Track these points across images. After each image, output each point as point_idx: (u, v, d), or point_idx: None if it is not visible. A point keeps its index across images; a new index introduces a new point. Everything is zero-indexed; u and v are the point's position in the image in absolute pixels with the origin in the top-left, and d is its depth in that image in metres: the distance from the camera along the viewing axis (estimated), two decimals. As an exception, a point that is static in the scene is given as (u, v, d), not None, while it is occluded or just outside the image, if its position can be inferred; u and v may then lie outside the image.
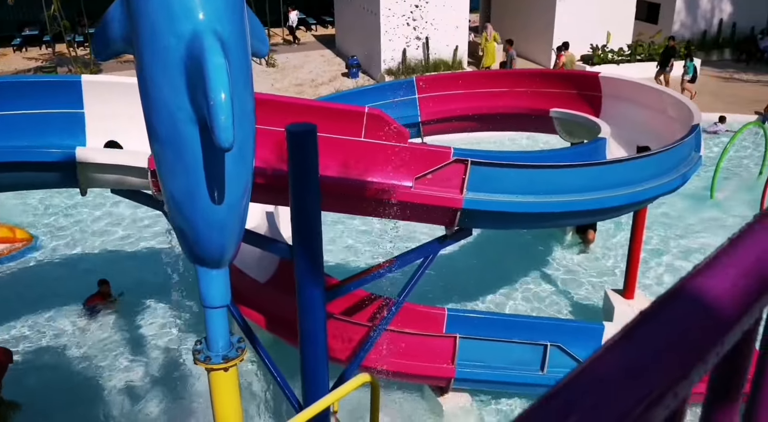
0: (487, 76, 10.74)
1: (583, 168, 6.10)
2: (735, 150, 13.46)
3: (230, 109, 3.08)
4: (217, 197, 3.67)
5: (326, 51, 24.78)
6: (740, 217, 11.61)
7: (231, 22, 3.36)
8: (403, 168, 5.70)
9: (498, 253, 10.52)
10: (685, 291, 0.66)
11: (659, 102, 8.55)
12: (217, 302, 4.27)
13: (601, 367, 0.57)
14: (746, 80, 20.19)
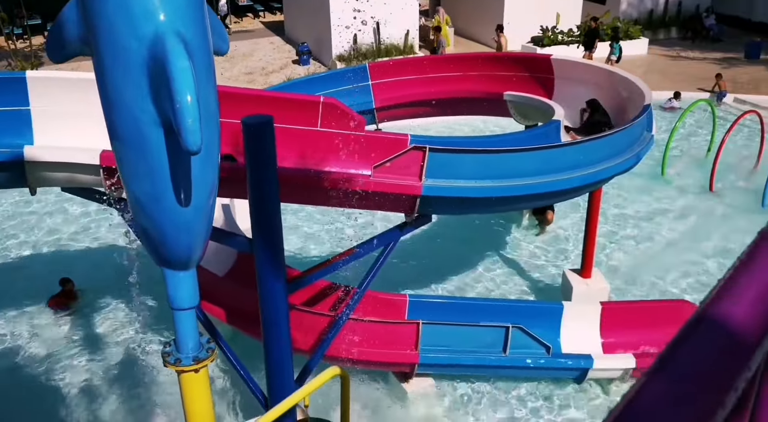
0: (440, 60, 10.81)
1: (540, 151, 6.24)
2: (684, 127, 13.91)
3: (197, 112, 3.07)
4: (183, 199, 3.65)
5: (276, 38, 24.51)
6: (691, 194, 12.07)
7: (193, 22, 3.33)
8: (361, 157, 5.74)
9: (457, 238, 10.69)
10: (709, 318, 0.72)
11: (611, 83, 8.77)
12: (186, 304, 4.26)
13: (646, 400, 0.62)
14: (693, 58, 20.82)
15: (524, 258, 10.26)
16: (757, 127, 13.16)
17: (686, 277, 9.72)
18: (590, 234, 8.63)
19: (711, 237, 10.73)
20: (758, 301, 0.74)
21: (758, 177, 11.91)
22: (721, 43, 22.34)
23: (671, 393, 0.62)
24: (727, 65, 19.63)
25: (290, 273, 6.01)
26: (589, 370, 7.42)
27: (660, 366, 0.67)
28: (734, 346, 0.70)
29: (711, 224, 11.08)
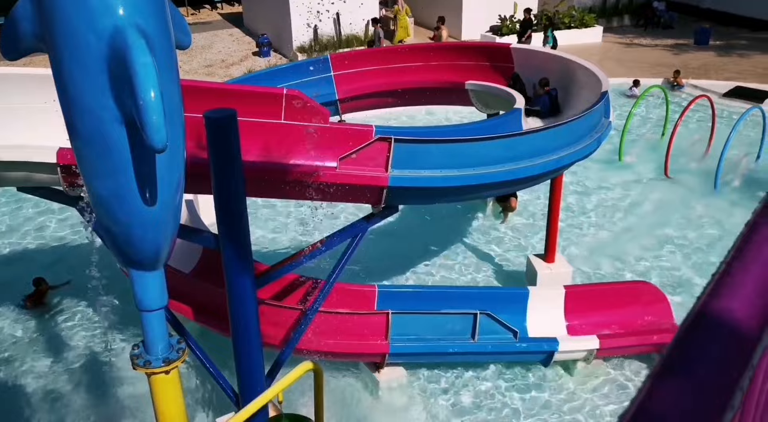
0: (402, 50, 10.74)
1: (504, 139, 6.25)
2: (639, 113, 14.13)
3: (161, 109, 2.95)
4: (149, 197, 3.52)
5: (235, 29, 24.09)
6: (648, 178, 12.27)
7: (153, 15, 3.20)
8: (326, 149, 5.66)
9: (423, 227, 10.68)
10: (709, 316, 0.70)
11: (568, 70, 8.83)
12: (155, 305, 4.14)
13: (657, 403, 0.60)
14: (646, 45, 21.14)
15: (490, 246, 10.31)
16: (708, 111, 13.43)
17: (645, 259, 9.90)
18: (553, 220, 8.70)
19: (667, 220, 10.94)
20: (755, 296, 0.73)
21: (710, 160, 12.16)
22: (672, 30, 22.74)
23: (680, 395, 0.61)
24: (678, 51, 20.01)
25: (258, 267, 5.91)
26: (555, 353, 7.50)
27: (666, 368, 0.65)
28: (736, 344, 0.68)
29: (667, 207, 11.30)
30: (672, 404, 0.60)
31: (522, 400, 7.35)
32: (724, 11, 24.27)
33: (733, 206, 11.20)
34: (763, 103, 14.58)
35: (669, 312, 7.97)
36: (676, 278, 9.45)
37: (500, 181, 6.24)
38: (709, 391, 0.62)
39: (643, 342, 7.66)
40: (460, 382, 7.56)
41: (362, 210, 8.98)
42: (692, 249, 10.18)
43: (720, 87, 16.36)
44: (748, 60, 19.09)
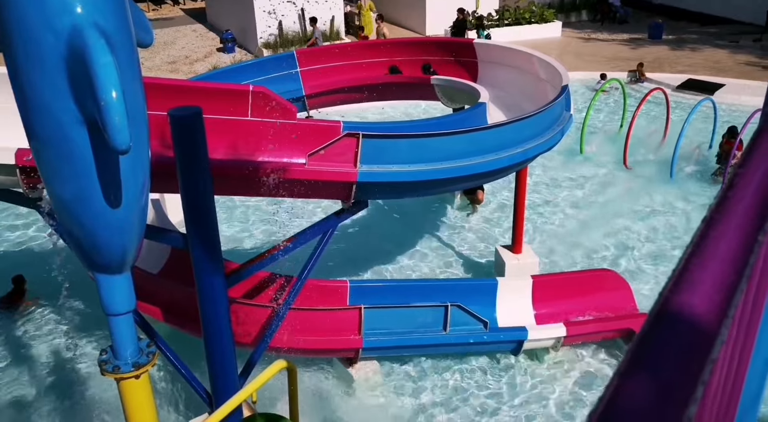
0: (368, 46, 10.63)
1: (471, 133, 6.19)
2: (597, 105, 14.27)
3: (123, 109, 2.78)
4: (113, 199, 3.35)
5: (198, 25, 23.63)
6: (608, 169, 12.40)
7: (113, 13, 3.01)
8: (294, 145, 5.52)
9: (392, 222, 10.60)
10: (670, 312, 0.71)
11: (531, 65, 8.82)
12: (123, 308, 3.96)
13: (625, 399, 0.61)
14: (603, 39, 21.38)
15: (458, 238, 10.29)
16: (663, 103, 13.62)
17: (607, 247, 9.99)
18: (519, 212, 8.70)
19: (627, 208, 11.07)
20: (713, 292, 0.75)
21: (666, 150, 12.35)
22: (627, 25, 23.05)
23: (647, 391, 0.62)
24: (634, 45, 20.27)
25: (228, 266, 5.75)
26: (525, 342, 7.50)
27: (632, 365, 0.66)
28: (697, 339, 0.70)
29: (627, 197, 11.42)
30: (639, 400, 0.61)
31: (494, 389, 7.34)
32: (675, 6, 24.71)
33: (688, 193, 11.42)
34: (713, 94, 14.86)
35: (631, 298, 8.05)
36: (637, 265, 9.56)
37: (468, 174, 6.19)
38: (674, 386, 0.63)
39: (608, 328, 7.72)
40: (433, 373, 7.51)
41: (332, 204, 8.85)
42: (651, 236, 10.32)
43: (673, 80, 16.62)
44: (700, 53, 19.45)
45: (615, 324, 7.71)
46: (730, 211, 0.87)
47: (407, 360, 7.64)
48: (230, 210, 11.02)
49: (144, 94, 3.45)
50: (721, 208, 0.89)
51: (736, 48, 19.72)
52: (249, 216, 11.00)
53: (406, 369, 7.58)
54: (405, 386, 7.35)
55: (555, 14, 22.18)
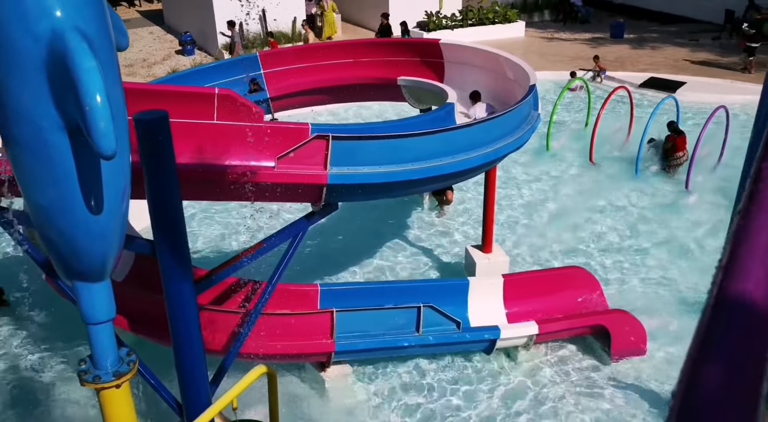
0: (333, 47, 10.64)
1: (440, 134, 6.26)
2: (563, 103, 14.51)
3: (108, 114, 2.76)
4: (95, 205, 3.31)
5: (155, 27, 23.33)
6: (574, 166, 12.63)
7: (94, 17, 2.98)
8: (262, 148, 5.51)
9: (362, 224, 10.63)
10: (728, 299, 0.76)
11: (497, 65, 8.95)
12: (103, 317, 3.93)
13: (704, 384, 0.67)
14: (566, 39, 21.76)
15: (429, 239, 10.37)
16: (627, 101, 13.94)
17: (577, 245, 10.18)
18: (488, 211, 8.81)
19: (595, 205, 11.30)
20: (764, 278, 0.80)
21: (631, 147, 12.63)
22: (589, 25, 23.51)
23: (721, 373, 0.68)
24: (596, 45, 20.68)
25: (197, 273, 5.71)
26: (497, 341, 7.59)
27: (702, 351, 0.71)
28: (757, 323, 0.75)
29: (594, 193, 11.66)
30: (715, 382, 0.66)
31: (467, 389, 7.41)
32: (635, 6, 25.29)
33: (654, 189, 11.72)
34: (675, 92, 15.27)
35: (601, 295, 8.22)
36: (606, 260, 9.77)
37: (439, 174, 6.26)
38: (745, 367, 0.68)
39: (579, 325, 7.87)
40: (407, 375, 7.56)
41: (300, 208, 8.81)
42: (619, 231, 10.56)
43: (636, 78, 17.02)
44: (660, 52, 19.94)
45: (586, 321, 7.86)
46: (766, 203, 0.93)
47: (380, 363, 7.67)
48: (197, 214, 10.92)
49: (124, 95, 3.43)
50: (756, 200, 0.94)
51: (696, 46, 20.28)
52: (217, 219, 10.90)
53: (379, 371, 7.61)
54: (378, 388, 7.38)
55: (518, 14, 22.50)
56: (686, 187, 11.40)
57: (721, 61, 18.75)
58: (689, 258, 9.75)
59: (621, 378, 7.46)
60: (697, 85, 16.49)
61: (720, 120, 11.84)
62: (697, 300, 8.65)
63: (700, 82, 16.84)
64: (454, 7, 21.67)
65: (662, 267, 9.58)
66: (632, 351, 7.70)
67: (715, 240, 10.01)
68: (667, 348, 7.78)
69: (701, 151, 11.25)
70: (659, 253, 9.93)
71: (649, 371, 7.54)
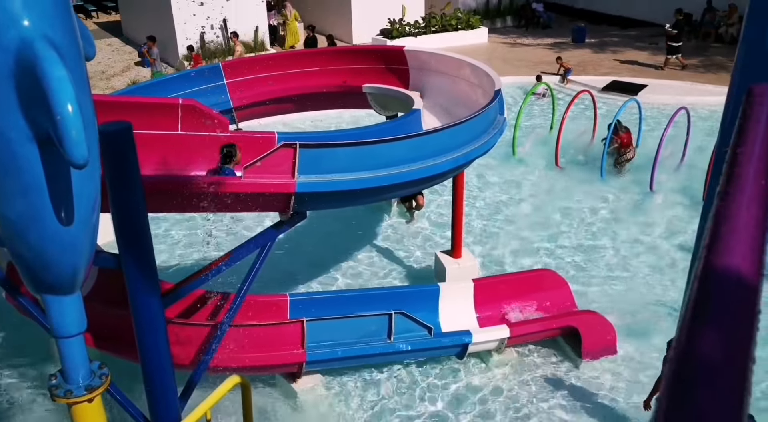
0: (296, 56, 10.67)
1: (408, 140, 6.33)
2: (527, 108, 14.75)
3: (80, 123, 2.74)
4: (65, 216, 3.27)
5: (113, 39, 23.06)
6: (541, 170, 12.84)
7: (62, 25, 2.96)
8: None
9: (330, 231, 10.64)
10: (714, 272, 0.82)
11: (462, 71, 9.08)
12: (75, 330, 3.88)
13: (699, 347, 0.72)
14: (528, 44, 22.15)
15: (398, 245, 10.43)
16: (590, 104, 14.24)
17: (545, 247, 10.35)
18: (457, 216, 8.92)
19: (561, 207, 11.51)
20: (748, 251, 0.87)
21: (595, 150, 12.91)
22: (551, 30, 23.97)
23: (715, 337, 0.73)
24: (558, 49, 21.09)
25: (164, 286, 5.66)
26: (469, 345, 7.66)
27: (695, 318, 0.77)
28: (744, 293, 0.81)
29: (560, 196, 11.88)
30: (710, 345, 0.72)
31: (441, 394, 7.47)
32: (595, 11, 25.88)
33: (619, 190, 11.98)
34: (637, 94, 15.65)
35: (570, 296, 8.38)
36: (575, 262, 9.95)
37: (408, 180, 6.33)
38: (736, 332, 0.74)
39: (550, 327, 7.99)
40: (379, 383, 7.58)
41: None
42: (586, 233, 10.77)
43: (599, 82, 17.41)
44: (622, 55, 20.44)
45: (556, 323, 8.00)
46: (742, 185, 1.00)
47: (352, 371, 7.69)
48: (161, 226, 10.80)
49: (93, 105, 3.41)
50: (733, 183, 1.01)
51: (656, 49, 20.83)
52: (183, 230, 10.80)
53: (352, 380, 7.61)
54: (351, 397, 7.39)
55: (481, 20, 22.83)
56: (650, 188, 11.68)
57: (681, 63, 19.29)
58: (655, 257, 9.99)
59: (593, 378, 7.61)
60: (658, 88, 16.96)
61: (681, 121, 12.18)
62: (665, 299, 8.88)
63: (661, 84, 17.32)
64: (417, 15, 21.90)
65: (629, 267, 9.80)
66: (603, 351, 7.85)
67: (681, 238, 10.29)
68: (637, 347, 7.95)
69: (664, 151, 11.55)
70: (626, 253, 10.15)
71: (620, 369, 7.70)
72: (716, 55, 19.94)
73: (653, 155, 11.48)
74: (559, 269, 9.37)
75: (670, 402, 0.65)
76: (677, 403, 0.64)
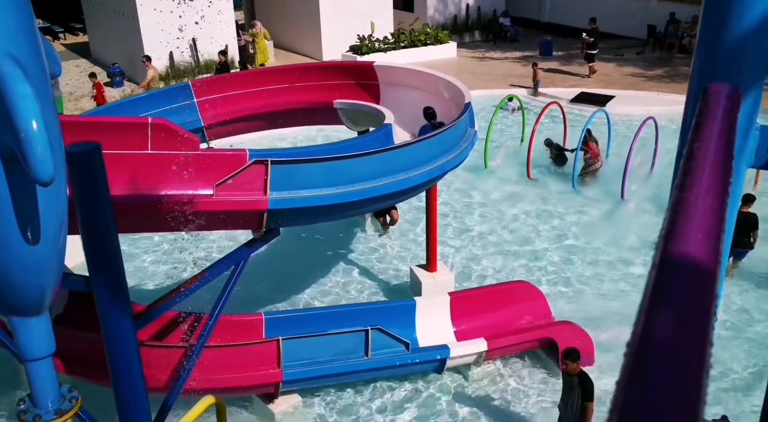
0: (266, 73, 10.68)
1: (380, 154, 6.38)
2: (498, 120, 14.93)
3: (46, 139, 2.73)
4: (31, 236, 3.23)
5: (81, 60, 22.84)
6: (513, 182, 12.98)
7: (26, 43, 2.96)
8: (200, 176, 5.49)
9: (304, 249, 10.61)
10: (672, 259, 0.84)
11: (432, 85, 9.19)
12: (43, 352, 3.82)
13: (658, 331, 0.73)
14: (497, 58, 22.46)
15: (372, 260, 10.43)
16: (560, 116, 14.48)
17: (520, 258, 10.44)
18: (431, 230, 8.96)
19: (534, 218, 11.64)
20: (704, 239, 0.89)
21: (570, 161, 13.08)
22: (519, 43, 24.34)
23: (672, 322, 0.73)
24: (526, 62, 21.39)
25: (135, 308, 5.59)
26: (447, 359, 7.67)
27: (653, 303, 0.76)
28: (701, 279, 0.82)
29: (533, 208, 12.02)
30: (667, 331, 0.72)
31: (419, 411, 7.45)
32: (561, 24, 26.37)
33: (591, 200, 12.15)
34: (605, 105, 15.95)
35: (546, 308, 8.43)
36: (550, 273, 10.04)
37: (380, 194, 6.36)
38: (694, 317, 0.74)
39: (528, 339, 8.03)
40: (356, 400, 7.55)
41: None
42: (560, 242, 10.89)
43: (567, 93, 17.71)
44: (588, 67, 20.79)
45: (534, 335, 8.04)
46: (699, 178, 1.03)
47: (329, 389, 7.64)
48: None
49: (59, 123, 3.38)
50: (689, 175, 1.04)
51: (622, 61, 21.27)
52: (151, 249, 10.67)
53: (330, 398, 7.57)
54: (328, 416, 7.34)
55: (449, 35, 23.10)
56: (622, 197, 11.87)
57: (646, 73, 19.73)
58: (629, 266, 10.13)
59: (570, 388, 7.65)
60: (625, 99, 17.30)
61: (650, 131, 12.43)
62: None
63: (629, 95, 17.67)
64: (386, 30, 22.09)
65: (604, 277, 9.92)
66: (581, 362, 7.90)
67: (653, 245, 10.44)
68: (614, 356, 8.03)
69: (634, 161, 11.76)
70: (601, 263, 10.28)
71: (598, 379, 7.75)
72: (681, 65, 20.41)
73: (623, 165, 11.67)
74: (534, 280, 9.45)
75: (628, 385, 0.66)
76: (635, 387, 0.65)
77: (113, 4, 19.84)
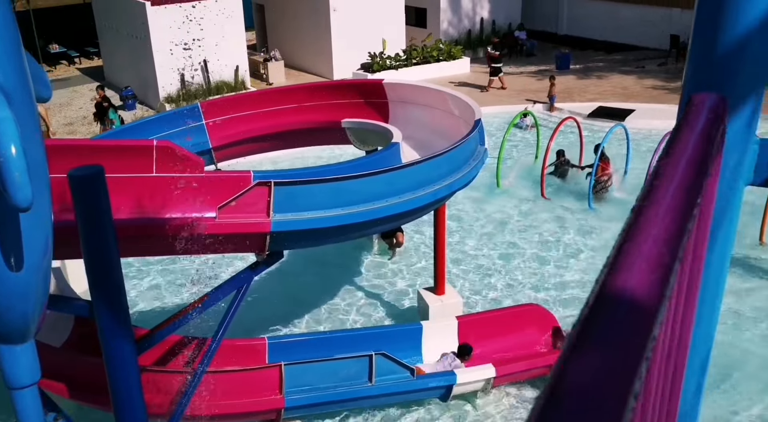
0: (274, 93, 10.87)
1: (386, 174, 6.47)
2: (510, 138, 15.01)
3: (24, 165, 2.87)
4: (14, 262, 3.37)
5: (95, 84, 23.34)
6: (527, 201, 13.00)
7: (10, 68, 3.11)
8: (203, 199, 5.64)
9: (309, 271, 10.69)
10: (609, 293, 0.78)
11: (442, 102, 9.29)
12: (27, 380, 3.92)
13: (574, 376, 0.67)
14: (512, 72, 22.55)
15: (379, 283, 10.49)
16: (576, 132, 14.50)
17: (532, 281, 10.43)
18: (439, 252, 8.99)
19: (548, 240, 11.63)
20: (649, 272, 0.83)
21: (583, 179, 13.08)
22: (535, 57, 24.47)
23: (594, 368, 0.67)
24: (542, 76, 21.49)
25: (137, 332, 5.72)
26: (453, 386, 7.62)
27: (577, 344, 0.71)
28: (638, 317, 0.76)
29: (547, 228, 12.02)
30: (587, 377, 0.66)
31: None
32: (579, 36, 26.47)
33: (609, 221, 12.05)
34: (624, 120, 15.93)
35: (559, 332, 8.40)
36: (564, 296, 10.02)
37: (386, 215, 6.44)
38: (620, 363, 0.68)
39: (538, 365, 7.99)
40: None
41: (247, 259, 8.78)
42: (577, 265, 10.87)
43: (584, 108, 17.70)
44: (607, 81, 20.85)
45: (545, 360, 7.98)
46: (659, 198, 0.95)
47: (333, 415, 7.66)
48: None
49: (44, 149, 3.52)
50: (650, 196, 0.96)
51: (643, 73, 21.26)
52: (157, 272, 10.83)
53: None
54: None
55: (462, 50, 23.28)
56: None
57: (669, 85, 19.65)
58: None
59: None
60: (646, 112, 17.21)
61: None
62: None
63: (649, 108, 17.58)
64: (398, 47, 22.32)
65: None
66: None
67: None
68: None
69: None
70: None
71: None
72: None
73: (642, 182, 11.63)
74: (548, 304, 9.43)
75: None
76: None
77: (126, 28, 20.34)
